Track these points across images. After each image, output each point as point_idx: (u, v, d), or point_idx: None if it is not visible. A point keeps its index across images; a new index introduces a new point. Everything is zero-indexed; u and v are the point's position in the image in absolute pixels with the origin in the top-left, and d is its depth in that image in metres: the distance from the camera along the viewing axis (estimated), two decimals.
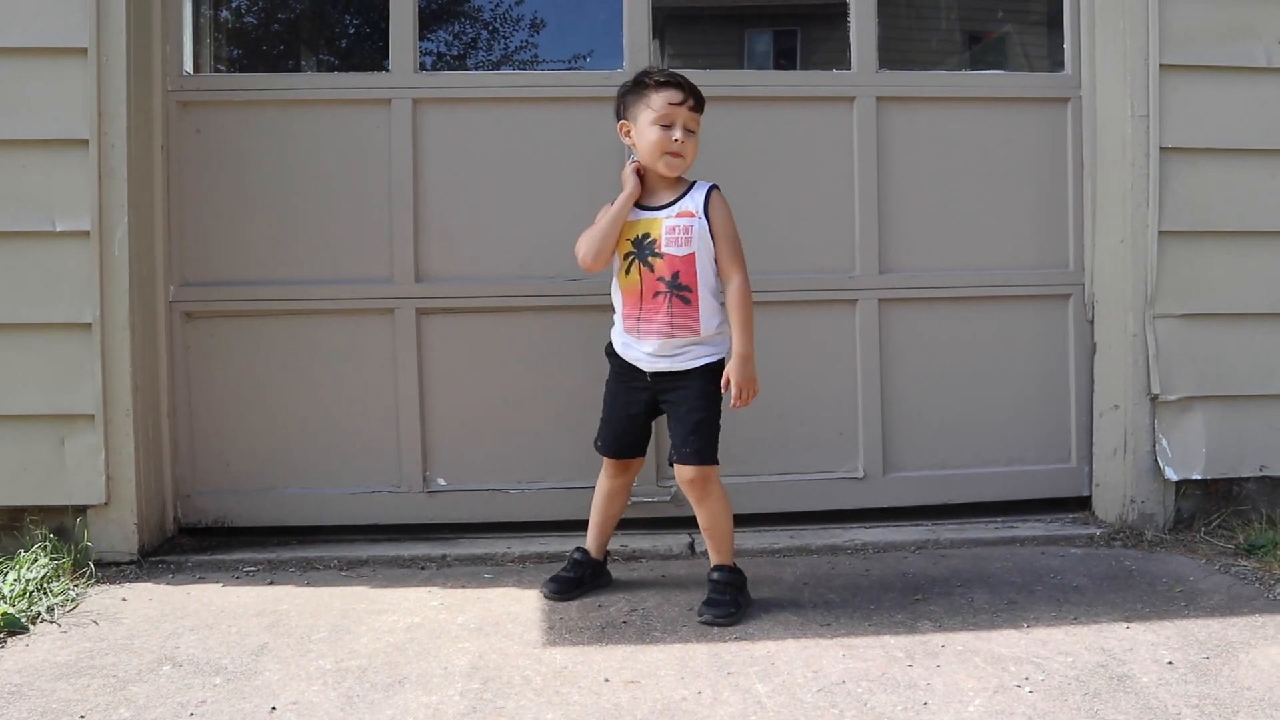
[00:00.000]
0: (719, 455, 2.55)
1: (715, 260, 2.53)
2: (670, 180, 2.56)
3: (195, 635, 2.40)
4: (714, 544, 2.57)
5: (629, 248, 2.54)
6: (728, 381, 2.50)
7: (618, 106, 2.61)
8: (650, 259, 2.50)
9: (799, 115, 3.27)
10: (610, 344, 2.65)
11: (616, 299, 2.60)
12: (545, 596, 2.61)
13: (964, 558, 2.95)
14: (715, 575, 2.54)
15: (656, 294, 2.50)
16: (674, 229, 2.50)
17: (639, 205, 2.56)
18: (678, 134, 2.48)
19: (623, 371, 2.61)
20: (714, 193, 2.56)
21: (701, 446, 2.52)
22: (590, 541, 2.72)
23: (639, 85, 2.55)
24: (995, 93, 3.32)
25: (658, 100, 2.49)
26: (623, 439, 2.65)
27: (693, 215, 2.51)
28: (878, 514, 3.28)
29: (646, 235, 2.52)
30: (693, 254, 2.50)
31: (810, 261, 3.27)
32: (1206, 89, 3.10)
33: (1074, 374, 3.32)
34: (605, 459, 2.68)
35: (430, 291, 3.15)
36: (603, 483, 2.72)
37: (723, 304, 2.54)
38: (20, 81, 2.85)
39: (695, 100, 2.51)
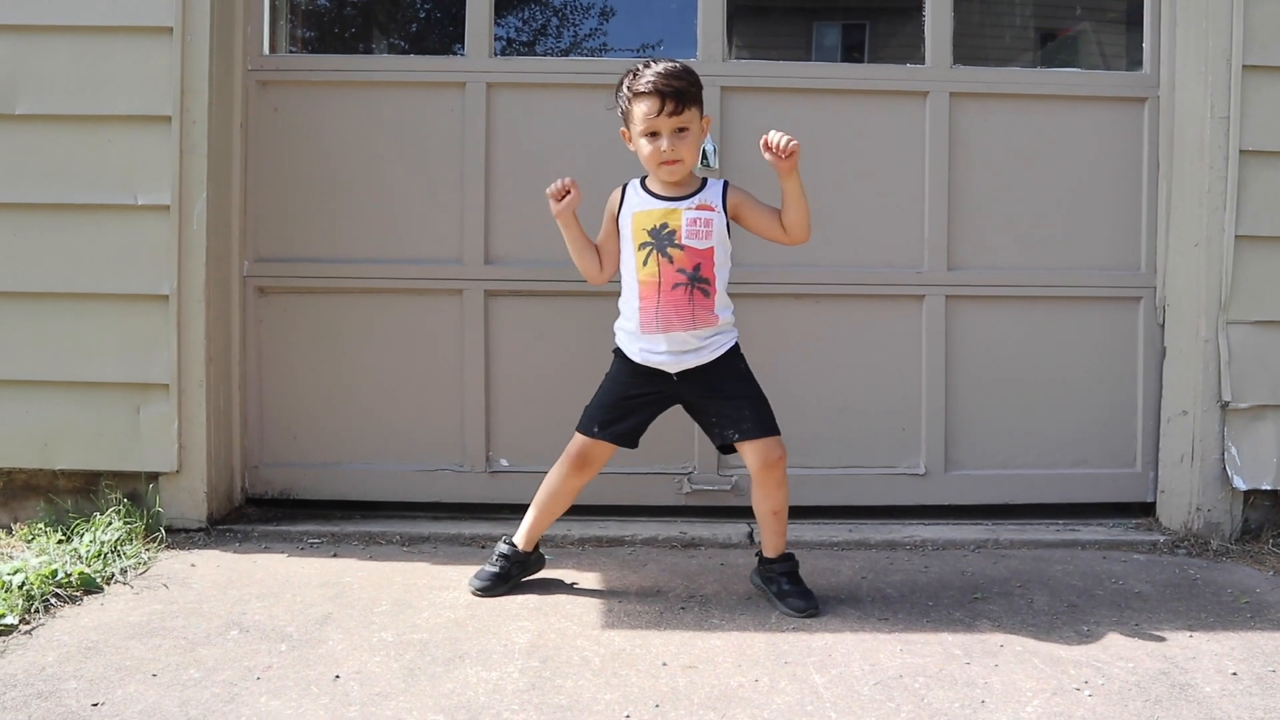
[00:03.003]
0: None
1: (768, 225, 2.52)
2: (684, 176, 2.52)
3: (261, 603, 2.46)
4: (781, 529, 2.55)
5: (645, 237, 2.47)
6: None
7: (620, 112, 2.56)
8: (670, 250, 2.45)
9: (871, 108, 3.25)
10: (618, 347, 2.58)
11: (629, 293, 2.52)
12: (471, 593, 2.54)
13: (1024, 559, 2.92)
14: (788, 566, 2.54)
15: (676, 285, 2.45)
16: (695, 221, 2.46)
17: (655, 195, 2.51)
18: (664, 143, 2.43)
19: (638, 373, 2.52)
20: (730, 185, 2.54)
21: (773, 417, 2.51)
22: (526, 534, 2.63)
23: (623, 95, 2.49)
24: (1071, 91, 3.27)
25: (638, 114, 2.44)
26: (637, 427, 2.56)
27: (712, 210, 2.48)
28: (937, 511, 3.26)
29: (665, 226, 2.47)
30: (712, 248, 2.47)
31: (878, 256, 3.25)
32: None
33: (1142, 378, 3.27)
34: (578, 450, 2.56)
35: (499, 274, 3.19)
36: (565, 479, 2.59)
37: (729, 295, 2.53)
38: (107, 58, 2.92)
39: (676, 103, 2.40)
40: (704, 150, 3.13)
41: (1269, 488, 3.07)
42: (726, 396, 2.50)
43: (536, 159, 3.16)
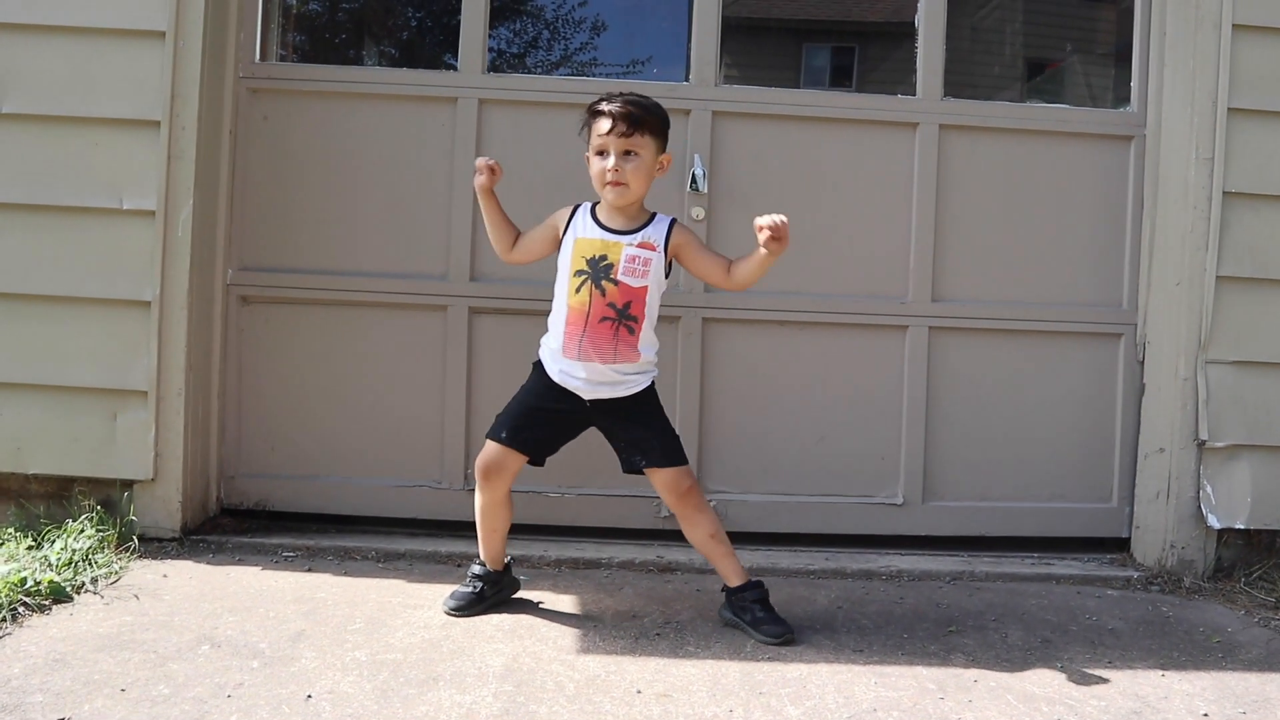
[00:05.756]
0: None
1: (709, 271, 2.54)
2: (632, 206, 2.53)
3: (234, 617, 2.44)
4: (728, 552, 2.56)
5: (583, 265, 2.48)
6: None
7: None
8: (604, 283, 2.46)
9: (862, 138, 3.26)
10: (539, 360, 2.58)
11: (558, 315, 2.52)
12: (445, 612, 2.53)
13: (999, 592, 2.93)
14: (759, 593, 2.54)
15: (604, 319, 2.45)
16: (634, 259, 2.47)
17: (601, 225, 2.52)
18: (610, 162, 2.44)
19: (553, 389, 2.53)
20: (676, 224, 2.54)
21: (681, 449, 2.55)
22: (486, 554, 2.62)
23: (587, 114, 2.52)
24: (1059, 126, 3.30)
25: (592, 132, 2.49)
26: (544, 439, 2.56)
27: (654, 249, 2.49)
28: (913, 541, 3.27)
29: (604, 258, 2.47)
30: (645, 287, 2.48)
31: (863, 285, 3.26)
32: (1275, 135, 3.06)
33: (1120, 414, 3.30)
34: (485, 460, 2.54)
35: (484, 291, 3.18)
36: (480, 494, 2.58)
37: (656, 336, 2.55)
38: (97, 60, 2.91)
39: (627, 124, 2.42)
40: (694, 175, 3.14)
41: (1242, 526, 3.09)
42: (638, 426, 2.54)
43: (526, 177, 3.15)
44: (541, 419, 2.55)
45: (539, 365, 2.58)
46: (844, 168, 3.26)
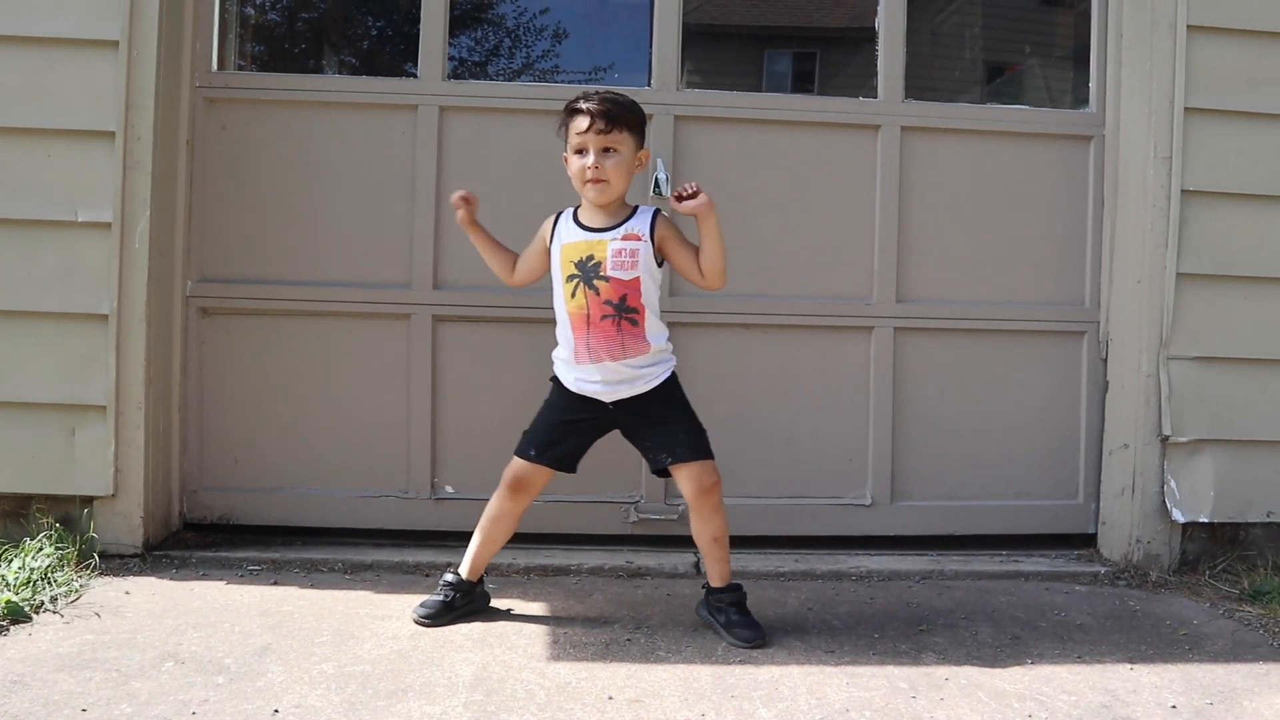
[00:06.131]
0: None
1: (689, 266, 2.53)
2: (613, 203, 2.53)
3: (198, 633, 2.40)
4: (724, 556, 2.55)
5: (572, 270, 2.48)
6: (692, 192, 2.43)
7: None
8: (596, 282, 2.46)
9: (824, 140, 3.27)
10: (555, 375, 2.58)
11: (562, 324, 2.53)
12: (415, 621, 2.51)
13: (968, 590, 2.94)
14: (736, 596, 2.53)
15: (604, 317, 2.46)
16: (620, 252, 2.47)
17: (583, 226, 2.52)
18: (590, 159, 2.45)
19: (575, 400, 2.53)
20: (659, 214, 2.55)
21: (705, 442, 2.53)
22: (469, 564, 2.61)
23: (563, 114, 2.54)
24: (1020, 127, 3.32)
25: (570, 131, 2.49)
26: (574, 451, 2.57)
27: (639, 239, 2.49)
28: (883, 541, 3.27)
29: (591, 258, 2.47)
30: (638, 278, 2.47)
31: (828, 288, 3.27)
32: (1230, 134, 3.10)
33: (1085, 411, 3.32)
34: (515, 474, 2.55)
35: (447, 299, 3.16)
36: (503, 505, 2.58)
37: (664, 322, 2.54)
38: (50, 71, 2.86)
39: (605, 121, 2.44)
40: (656, 179, 3.13)
41: (1206, 520, 3.13)
42: (661, 422, 2.52)
43: (489, 183, 3.12)
44: (567, 431, 2.55)
45: (556, 380, 2.58)
46: (807, 171, 3.26)
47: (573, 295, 2.48)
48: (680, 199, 2.44)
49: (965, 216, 3.31)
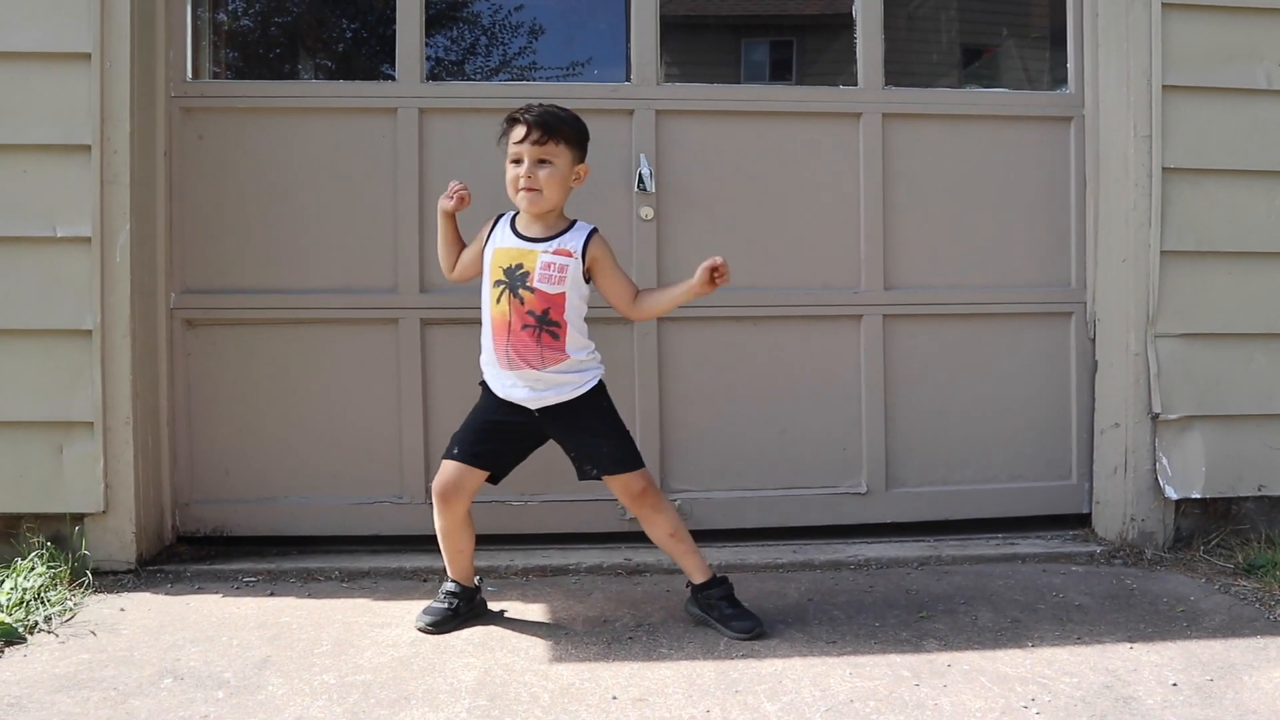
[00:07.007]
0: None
1: (616, 294, 2.54)
2: (550, 214, 2.53)
3: (196, 647, 2.38)
4: (690, 549, 2.56)
5: (500, 275, 2.48)
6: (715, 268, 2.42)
7: None
8: (521, 291, 2.46)
9: (806, 130, 3.27)
10: (484, 380, 2.58)
11: (486, 327, 2.53)
12: (419, 629, 2.50)
13: (966, 574, 2.95)
14: (724, 590, 2.54)
15: (525, 326, 2.45)
16: (549, 265, 2.47)
17: (518, 234, 2.52)
18: (524, 168, 2.45)
19: (501, 404, 2.52)
20: (595, 234, 2.54)
21: (634, 452, 2.54)
22: (455, 573, 2.60)
23: (504, 124, 2.54)
24: (1000, 111, 3.33)
25: (508, 141, 2.50)
26: (499, 453, 2.55)
27: (570, 255, 2.48)
28: (879, 529, 3.28)
29: (520, 266, 2.47)
30: (563, 294, 2.47)
31: (815, 277, 3.27)
32: (1209, 110, 3.12)
33: (1075, 392, 3.33)
34: (441, 481, 2.52)
35: (435, 302, 3.14)
36: (439, 515, 2.55)
37: (588, 336, 2.53)
38: (21, 85, 2.83)
39: (541, 132, 2.44)
40: (640, 175, 3.12)
41: (1198, 496, 3.14)
42: (588, 433, 2.53)
43: (472, 185, 3.11)
44: (494, 431, 2.54)
45: (484, 384, 2.58)
46: (791, 160, 3.26)
47: (497, 301, 2.48)
48: (713, 280, 2.42)
49: (950, 201, 3.31)
